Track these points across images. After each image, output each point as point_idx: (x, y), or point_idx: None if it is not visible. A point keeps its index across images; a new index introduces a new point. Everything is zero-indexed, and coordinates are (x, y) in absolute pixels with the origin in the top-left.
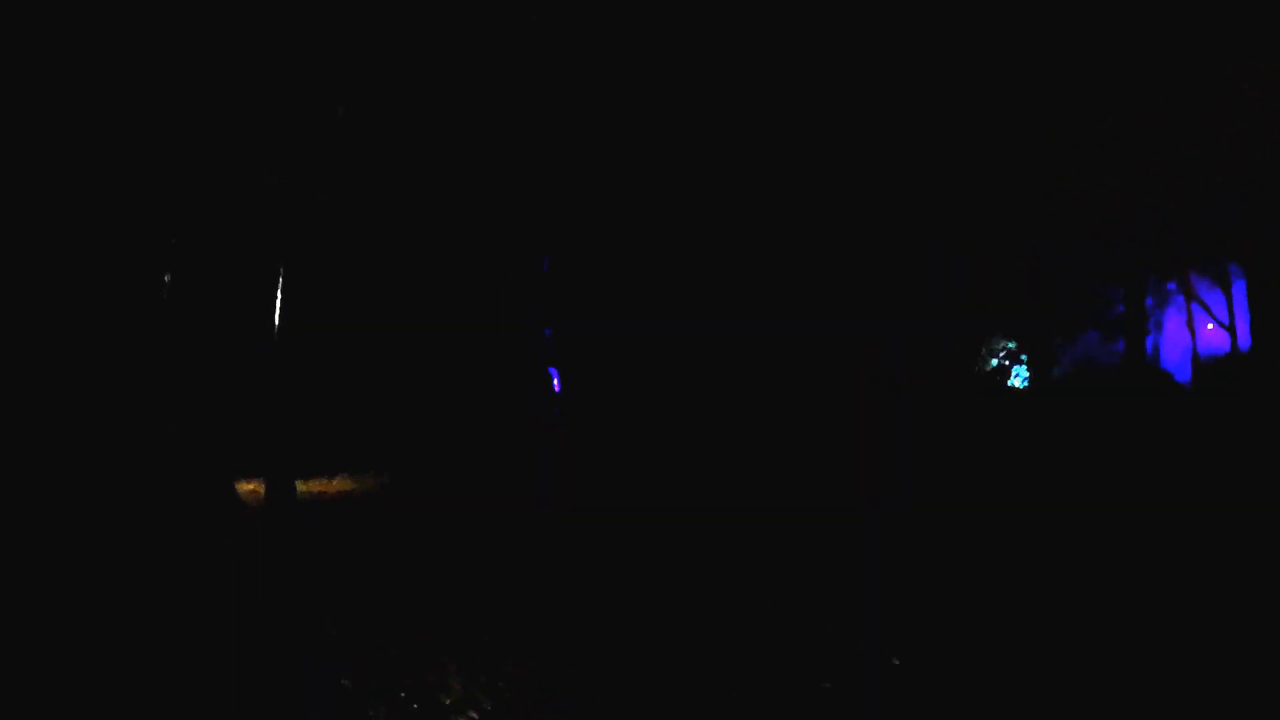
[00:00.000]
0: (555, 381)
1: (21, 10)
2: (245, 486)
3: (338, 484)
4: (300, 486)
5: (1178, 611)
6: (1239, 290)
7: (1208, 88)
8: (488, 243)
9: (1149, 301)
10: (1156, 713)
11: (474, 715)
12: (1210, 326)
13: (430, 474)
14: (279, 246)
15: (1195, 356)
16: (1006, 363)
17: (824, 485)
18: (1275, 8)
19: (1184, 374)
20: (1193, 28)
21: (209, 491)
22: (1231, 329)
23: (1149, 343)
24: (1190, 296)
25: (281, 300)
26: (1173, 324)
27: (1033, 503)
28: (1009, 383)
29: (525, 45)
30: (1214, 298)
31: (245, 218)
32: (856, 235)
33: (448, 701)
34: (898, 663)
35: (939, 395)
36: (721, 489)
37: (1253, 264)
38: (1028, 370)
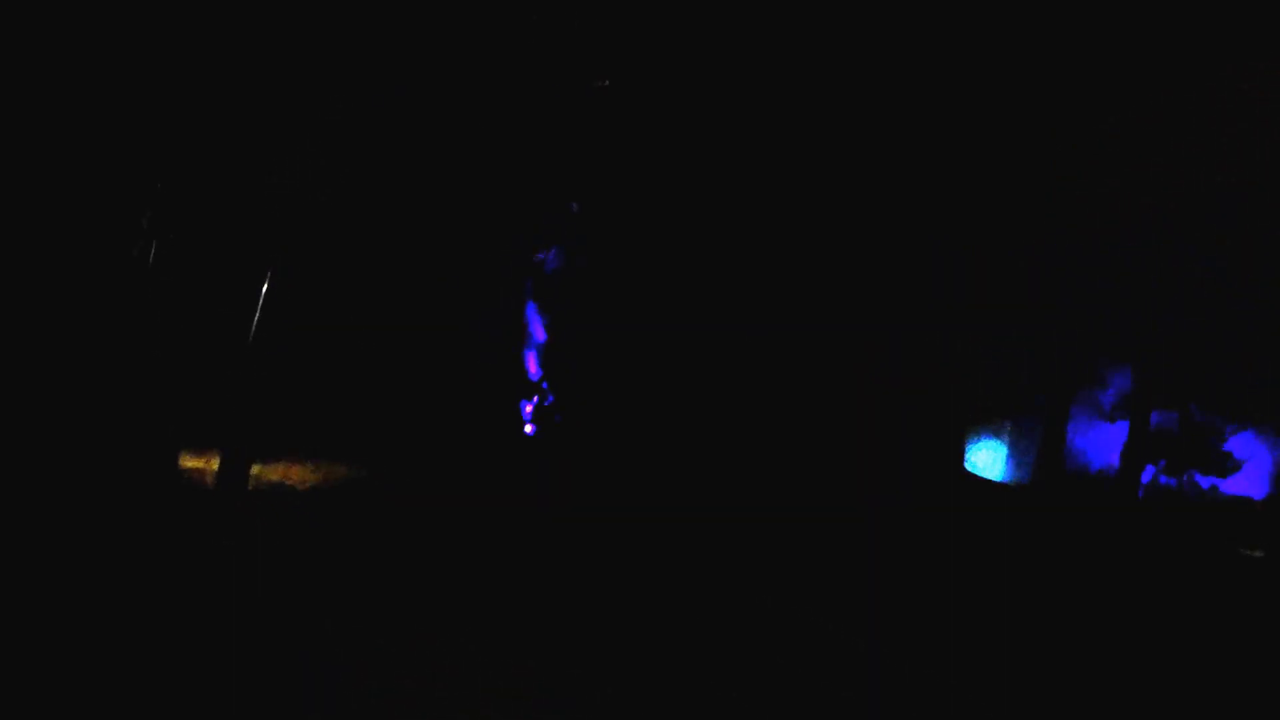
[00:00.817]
0: (537, 370)
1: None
2: (191, 463)
3: (325, 470)
4: (297, 474)
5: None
6: None
7: (1208, 88)
8: (488, 242)
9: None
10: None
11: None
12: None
13: (420, 469)
14: (278, 244)
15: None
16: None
17: (824, 485)
18: (1275, 8)
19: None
20: (1193, 28)
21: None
22: None
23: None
24: None
25: (276, 294)
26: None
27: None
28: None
29: (524, 45)
30: None
31: (243, 215)
32: (857, 235)
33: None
34: None
35: (939, 397)
36: (722, 489)
37: None
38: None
